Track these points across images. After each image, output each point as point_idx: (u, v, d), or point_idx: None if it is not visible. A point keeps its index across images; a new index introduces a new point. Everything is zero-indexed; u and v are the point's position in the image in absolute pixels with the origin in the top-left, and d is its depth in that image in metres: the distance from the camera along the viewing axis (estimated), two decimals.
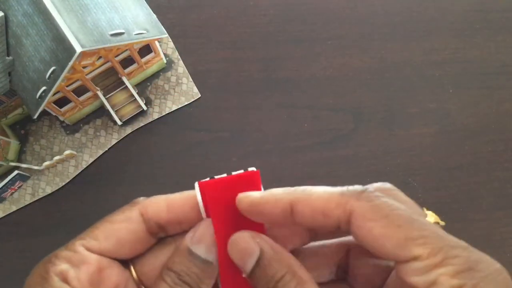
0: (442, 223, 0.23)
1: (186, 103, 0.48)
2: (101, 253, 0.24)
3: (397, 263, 0.20)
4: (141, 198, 0.25)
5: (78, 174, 0.46)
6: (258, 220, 0.24)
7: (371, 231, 0.20)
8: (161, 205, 0.24)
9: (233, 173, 0.25)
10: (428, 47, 0.50)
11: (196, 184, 0.25)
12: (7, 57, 0.39)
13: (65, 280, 0.22)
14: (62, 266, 0.22)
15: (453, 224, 0.45)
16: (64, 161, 0.46)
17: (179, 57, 0.49)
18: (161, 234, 0.25)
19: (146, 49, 0.45)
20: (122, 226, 0.24)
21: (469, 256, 0.19)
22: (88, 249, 0.24)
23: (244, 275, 0.23)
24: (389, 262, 0.22)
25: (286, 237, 0.25)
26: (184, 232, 0.24)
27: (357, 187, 0.22)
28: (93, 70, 0.42)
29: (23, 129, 0.47)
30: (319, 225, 0.22)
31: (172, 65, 0.49)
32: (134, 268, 0.25)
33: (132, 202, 0.25)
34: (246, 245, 0.22)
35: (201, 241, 0.23)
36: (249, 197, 0.24)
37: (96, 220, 0.44)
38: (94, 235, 0.24)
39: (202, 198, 0.25)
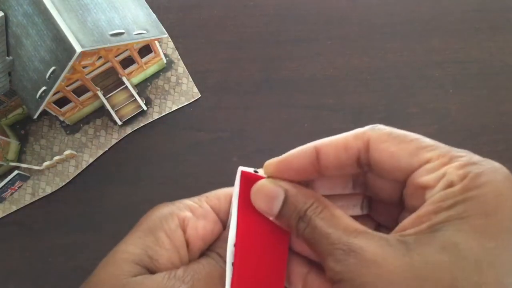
0: None
1: (186, 103, 0.48)
2: (219, 212, 0.26)
3: (411, 172, 0.22)
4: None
5: (78, 174, 0.46)
6: (287, 176, 0.26)
7: (387, 149, 0.23)
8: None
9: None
10: (428, 47, 0.50)
11: (239, 170, 0.26)
12: (7, 57, 0.39)
13: (183, 226, 0.24)
14: (186, 214, 0.25)
15: None
16: (64, 161, 0.46)
17: (179, 57, 0.49)
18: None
19: (146, 49, 0.45)
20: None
21: (473, 156, 0.21)
22: (211, 207, 0.26)
23: (271, 219, 0.24)
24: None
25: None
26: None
27: (376, 125, 0.25)
28: (93, 70, 0.42)
29: (23, 129, 0.47)
30: (342, 162, 0.24)
31: (172, 65, 0.49)
32: None
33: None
34: (270, 189, 0.24)
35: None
36: (273, 159, 0.26)
37: (96, 220, 0.45)
38: (218, 195, 0.26)
39: (240, 187, 0.27)
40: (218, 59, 0.49)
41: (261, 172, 0.27)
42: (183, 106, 0.48)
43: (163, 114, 0.47)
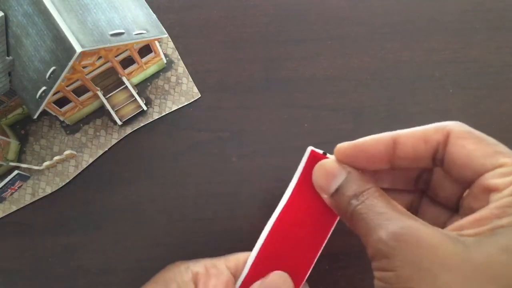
0: None
1: (186, 103, 0.48)
2: (235, 274, 0.28)
3: (483, 173, 0.22)
4: None
5: (78, 174, 0.46)
6: (357, 162, 0.27)
7: (465, 146, 0.23)
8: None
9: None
10: (428, 47, 0.50)
11: (309, 149, 0.29)
12: (7, 57, 0.39)
13: (195, 281, 0.26)
14: (200, 269, 0.26)
15: None
16: (64, 161, 0.46)
17: (179, 57, 0.49)
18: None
19: (146, 49, 0.45)
20: (242, 257, 0.29)
21: None
22: (229, 268, 0.28)
23: (325, 196, 0.25)
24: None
25: None
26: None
27: (455, 122, 0.25)
28: (93, 70, 0.42)
29: (23, 129, 0.47)
30: (419, 154, 0.25)
31: (172, 65, 0.49)
32: None
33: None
34: (334, 167, 0.25)
35: None
36: (347, 143, 0.27)
37: (96, 220, 0.45)
38: (237, 258, 0.29)
39: (305, 164, 0.29)
40: (218, 59, 0.49)
41: (331, 157, 0.28)
42: (183, 106, 0.48)
43: (163, 114, 0.47)
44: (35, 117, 0.40)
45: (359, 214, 0.22)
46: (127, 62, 0.45)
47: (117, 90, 0.46)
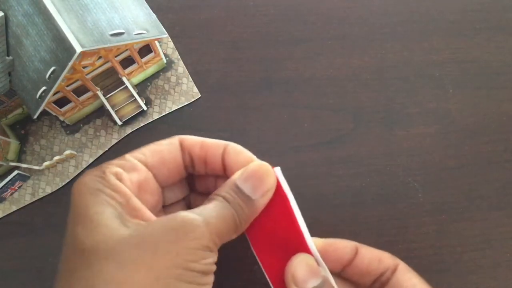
0: None
1: (186, 103, 0.48)
2: (146, 166, 0.27)
3: None
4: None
5: (78, 174, 0.46)
6: (327, 258, 0.30)
7: (411, 279, 0.29)
8: (197, 141, 0.29)
9: None
10: (428, 47, 0.50)
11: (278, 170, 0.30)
12: (7, 57, 0.39)
13: (120, 179, 0.25)
14: (117, 169, 0.25)
15: (453, 224, 0.45)
16: (64, 161, 0.46)
17: (179, 57, 0.49)
18: (190, 170, 0.29)
19: (146, 49, 0.45)
20: (165, 147, 0.28)
21: None
22: (138, 160, 0.27)
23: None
24: None
25: None
26: (207, 176, 0.29)
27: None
28: (93, 70, 0.42)
29: (23, 129, 0.47)
30: (370, 269, 0.29)
31: (172, 65, 0.49)
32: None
33: (173, 136, 0.29)
34: (316, 268, 0.27)
35: (247, 180, 0.26)
36: (325, 240, 0.31)
37: None
38: (142, 151, 0.27)
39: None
40: (218, 59, 0.49)
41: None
42: (183, 106, 0.48)
43: (163, 114, 0.47)
44: (35, 117, 0.40)
45: None
46: (127, 62, 0.45)
47: (117, 90, 0.46)
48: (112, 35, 0.38)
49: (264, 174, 0.27)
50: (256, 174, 0.27)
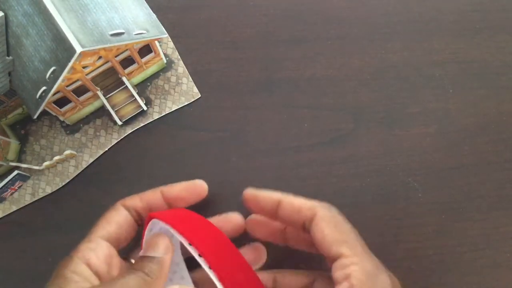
0: None
1: (186, 103, 0.48)
2: (109, 239, 0.32)
3: (332, 261, 0.28)
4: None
5: (78, 174, 0.46)
6: (253, 209, 0.36)
7: (322, 231, 0.29)
8: (135, 197, 0.36)
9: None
10: (428, 47, 0.50)
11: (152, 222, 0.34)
12: (7, 57, 0.39)
13: (86, 261, 0.30)
14: (83, 253, 0.30)
15: (453, 224, 0.45)
16: (64, 161, 0.46)
17: (179, 57, 0.49)
18: (140, 223, 0.35)
19: (146, 49, 0.45)
20: (114, 215, 0.34)
21: (375, 265, 0.28)
22: (100, 237, 0.32)
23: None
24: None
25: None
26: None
27: (326, 204, 0.31)
28: (93, 70, 0.42)
29: (23, 129, 0.47)
30: (292, 220, 0.32)
31: (172, 65, 0.49)
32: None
33: (113, 204, 0.35)
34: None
35: (148, 248, 0.31)
36: (252, 190, 0.35)
37: (96, 220, 0.44)
38: (100, 227, 0.33)
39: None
40: (218, 59, 0.49)
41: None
42: (183, 106, 0.48)
43: (163, 114, 0.47)
44: (35, 117, 0.40)
45: None
46: (127, 62, 0.45)
47: (117, 90, 0.46)
48: (112, 35, 0.38)
49: (156, 238, 0.32)
50: (151, 242, 0.32)
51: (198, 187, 0.39)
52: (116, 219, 0.34)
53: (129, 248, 0.37)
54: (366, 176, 0.46)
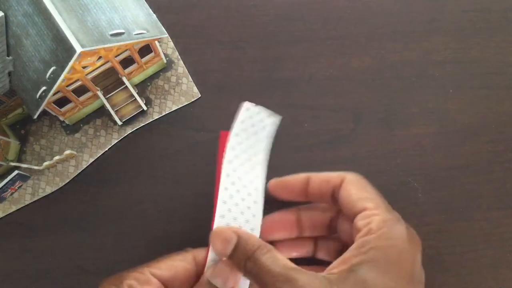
0: None
1: (186, 103, 0.48)
2: (160, 280, 0.30)
3: (355, 214, 0.30)
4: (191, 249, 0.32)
5: (78, 174, 0.46)
6: (281, 195, 0.37)
7: (349, 191, 0.31)
8: (205, 251, 0.32)
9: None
10: (428, 47, 0.50)
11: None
12: (7, 57, 0.39)
13: None
14: (132, 281, 0.29)
15: (453, 224, 0.45)
16: (64, 161, 0.46)
17: (179, 57, 0.49)
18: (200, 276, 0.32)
19: (146, 49, 0.45)
20: (180, 263, 0.31)
21: (396, 216, 0.30)
22: (153, 275, 0.30)
23: (224, 259, 0.30)
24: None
25: (291, 247, 0.37)
26: None
27: (352, 172, 0.34)
28: (93, 70, 0.42)
29: (23, 129, 0.47)
30: (323, 192, 0.34)
31: (172, 65, 0.49)
32: None
33: (186, 249, 0.32)
34: (227, 234, 0.30)
35: (217, 276, 0.30)
36: (276, 179, 0.37)
37: (96, 220, 0.45)
38: (158, 265, 0.31)
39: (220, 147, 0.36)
40: (218, 59, 0.49)
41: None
42: (183, 106, 0.48)
43: (163, 114, 0.47)
44: (35, 117, 0.40)
45: (254, 275, 0.28)
46: (127, 62, 0.45)
47: (117, 90, 0.46)
48: (112, 35, 0.38)
49: (231, 270, 0.30)
50: (224, 270, 0.30)
51: None
52: (178, 268, 0.31)
53: None
54: (366, 176, 0.46)
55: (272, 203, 0.37)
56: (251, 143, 0.38)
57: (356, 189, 0.32)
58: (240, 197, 0.35)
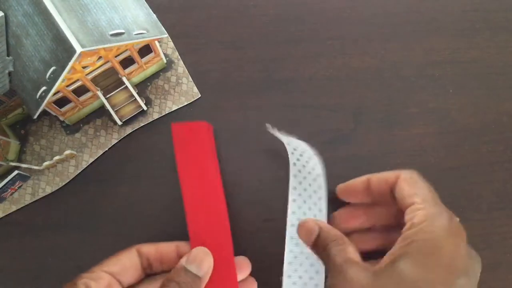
0: None
1: (186, 103, 0.48)
2: (110, 274, 0.33)
3: (406, 207, 0.32)
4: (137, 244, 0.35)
5: (78, 174, 0.46)
6: (348, 197, 0.41)
7: (403, 187, 0.34)
8: (151, 247, 0.36)
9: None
10: (428, 47, 0.50)
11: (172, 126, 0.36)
12: (7, 57, 0.39)
13: (88, 287, 0.31)
14: (86, 280, 0.31)
15: None
16: (64, 161, 0.46)
17: (179, 57, 0.49)
18: (148, 270, 0.36)
19: (146, 49, 0.45)
20: (125, 257, 0.35)
21: (439, 210, 0.32)
22: (103, 271, 0.33)
23: (308, 246, 0.34)
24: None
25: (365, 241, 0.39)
26: (164, 272, 0.36)
27: (408, 170, 0.36)
28: (93, 70, 0.42)
29: (23, 129, 0.47)
30: (382, 190, 0.36)
31: (172, 65, 0.49)
32: None
33: (131, 246, 0.35)
34: (310, 225, 0.34)
35: (193, 261, 0.33)
36: (342, 184, 0.41)
37: (96, 220, 0.45)
38: (107, 263, 0.34)
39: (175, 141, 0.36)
40: (218, 59, 0.49)
41: None
42: (183, 106, 0.48)
43: (163, 114, 0.47)
44: (35, 117, 0.40)
45: (325, 262, 0.32)
46: (127, 62, 0.45)
47: (117, 90, 0.46)
48: (112, 35, 0.38)
49: (205, 255, 0.34)
50: (198, 256, 0.34)
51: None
52: (124, 262, 0.34)
53: None
54: None
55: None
56: (309, 181, 0.42)
57: (408, 185, 0.34)
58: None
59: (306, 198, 0.41)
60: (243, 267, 0.37)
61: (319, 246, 0.33)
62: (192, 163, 0.37)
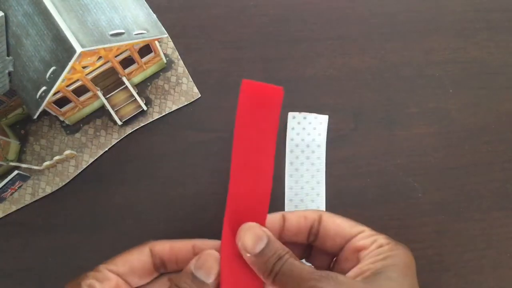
0: None
1: (186, 103, 0.48)
2: (118, 275, 0.31)
3: (350, 239, 0.32)
4: (151, 240, 0.33)
5: (78, 174, 0.46)
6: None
7: (335, 221, 0.32)
8: (166, 245, 0.33)
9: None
10: (428, 47, 0.50)
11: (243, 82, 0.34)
12: (7, 57, 0.39)
13: None
14: (90, 280, 0.29)
15: (453, 224, 0.45)
16: (64, 161, 0.46)
17: (179, 57, 0.49)
18: (162, 270, 0.33)
19: (146, 49, 0.45)
20: (135, 257, 0.32)
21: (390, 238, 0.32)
22: (110, 271, 0.31)
23: (248, 255, 0.30)
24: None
25: None
26: (178, 271, 0.33)
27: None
28: (93, 70, 0.42)
29: (23, 129, 0.47)
30: (301, 227, 0.33)
31: (172, 65, 0.49)
32: None
33: (144, 242, 0.33)
34: (258, 232, 0.31)
35: (201, 267, 0.30)
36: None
37: (96, 220, 0.45)
38: (115, 261, 0.32)
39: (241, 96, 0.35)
40: (218, 59, 0.49)
41: None
42: (183, 106, 0.48)
43: (163, 114, 0.47)
44: (35, 117, 0.40)
45: (284, 274, 0.29)
46: (127, 62, 0.45)
47: (117, 90, 0.46)
48: (112, 35, 0.38)
49: (214, 262, 0.31)
50: (207, 262, 0.31)
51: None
52: (134, 262, 0.32)
53: None
54: (366, 176, 0.46)
55: None
56: (307, 154, 0.43)
57: (339, 219, 0.33)
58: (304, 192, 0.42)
59: (303, 172, 0.43)
60: None
61: (268, 256, 0.30)
62: (252, 125, 0.35)
